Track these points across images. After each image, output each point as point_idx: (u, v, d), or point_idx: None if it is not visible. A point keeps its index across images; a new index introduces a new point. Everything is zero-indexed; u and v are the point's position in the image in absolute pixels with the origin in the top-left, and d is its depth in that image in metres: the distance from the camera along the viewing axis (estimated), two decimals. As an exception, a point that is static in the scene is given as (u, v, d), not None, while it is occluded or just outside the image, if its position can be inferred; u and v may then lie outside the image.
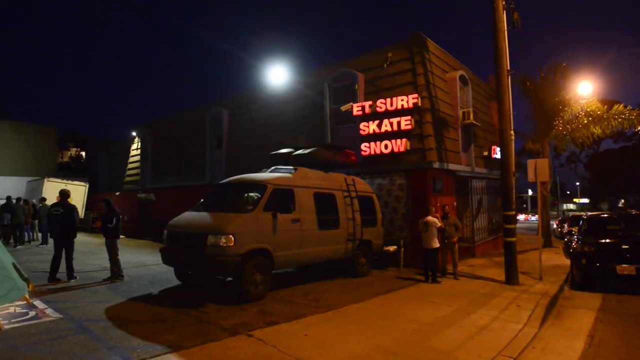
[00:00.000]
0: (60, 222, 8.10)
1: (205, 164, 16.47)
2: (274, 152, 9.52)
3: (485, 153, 13.53)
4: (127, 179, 22.73)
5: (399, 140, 10.43)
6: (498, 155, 11.06)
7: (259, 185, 7.36)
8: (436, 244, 8.39)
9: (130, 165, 22.74)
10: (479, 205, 13.00)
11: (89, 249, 13.35)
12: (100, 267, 9.41)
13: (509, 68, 8.69)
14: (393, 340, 4.77)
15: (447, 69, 12.17)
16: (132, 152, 22.64)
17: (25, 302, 5.83)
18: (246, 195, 7.69)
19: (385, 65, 11.27)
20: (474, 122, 11.92)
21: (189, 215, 7.39)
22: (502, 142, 8.73)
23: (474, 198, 12.61)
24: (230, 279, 6.86)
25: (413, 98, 10.35)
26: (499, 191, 10.73)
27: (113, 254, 8.13)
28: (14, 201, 14.85)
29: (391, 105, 10.68)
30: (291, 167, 8.17)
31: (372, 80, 11.60)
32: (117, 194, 21.84)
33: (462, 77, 12.32)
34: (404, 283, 8.24)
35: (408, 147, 10.35)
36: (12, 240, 14.03)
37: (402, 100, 10.50)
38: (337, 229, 8.34)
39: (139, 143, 21.79)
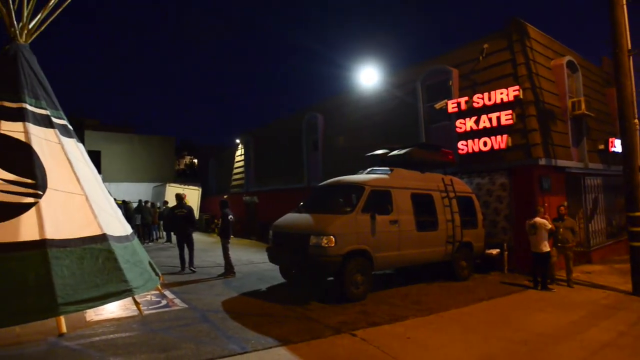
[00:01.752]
0: (184, 221, 9.52)
1: (302, 167, 17.25)
2: (369, 154, 9.63)
3: (601, 146, 11.88)
4: (233, 182, 24.85)
5: (499, 137, 9.74)
6: (618, 149, 9.63)
7: (357, 187, 7.53)
8: (546, 247, 7.66)
9: (235, 170, 24.82)
10: (595, 205, 11.47)
11: (204, 247, 14.97)
12: (215, 264, 10.51)
13: (630, 47, 7.57)
14: (502, 350, 4.53)
15: (552, 56, 10.99)
16: (237, 158, 24.69)
17: (158, 292, 6.82)
18: (345, 197, 7.94)
19: (481, 57, 10.62)
20: (585, 112, 10.57)
21: (291, 217, 7.87)
22: (623, 132, 7.61)
23: (588, 197, 11.18)
24: (331, 278, 7.14)
25: (514, 90, 9.58)
26: (620, 189, 9.33)
27: (225, 252, 9.04)
28: (144, 204, 17.38)
29: (489, 99, 10.02)
30: (387, 168, 8.20)
31: (467, 74, 11.01)
32: (225, 197, 24.06)
33: (569, 64, 11.01)
34: (509, 289, 7.70)
35: (510, 144, 9.61)
36: (142, 239, 16.41)
37: (502, 93, 9.78)
38: (435, 230, 8.13)
39: (243, 149, 23.68)
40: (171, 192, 21.46)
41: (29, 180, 5.31)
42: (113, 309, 5.90)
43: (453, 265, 8.42)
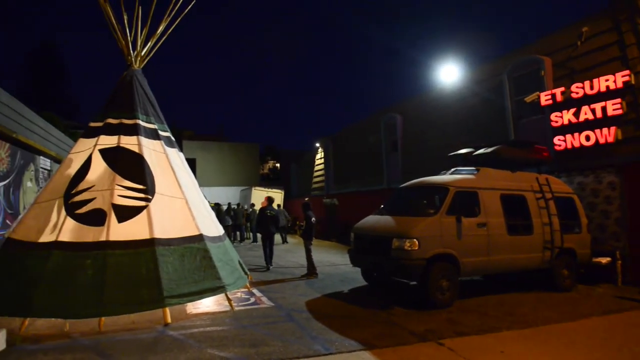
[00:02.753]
0: (271, 222, 10.41)
1: (382, 169, 17.10)
2: (452, 153, 9.20)
3: None
4: (314, 185, 25.51)
5: (605, 129, 8.62)
6: None
7: (441, 188, 7.24)
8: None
9: (316, 173, 25.47)
10: None
11: (287, 247, 15.59)
12: (298, 264, 10.88)
13: None
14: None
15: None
16: (317, 161, 25.31)
17: (247, 289, 7.28)
18: (428, 198, 7.69)
19: (579, 42, 9.50)
20: None
21: (373, 219, 7.83)
22: None
23: None
24: (414, 283, 6.99)
25: (623, 76, 8.39)
26: None
27: (308, 254, 9.32)
28: (235, 206, 18.66)
29: (591, 88, 8.91)
30: (473, 168, 7.76)
31: (563, 62, 9.93)
32: (306, 199, 24.82)
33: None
34: (626, 304, 6.73)
35: (619, 137, 8.44)
36: (232, 239, 17.61)
37: (607, 80, 8.63)
38: (530, 234, 7.48)
39: (322, 152, 24.21)
40: (257, 195, 22.79)
41: (141, 186, 6.07)
42: (208, 304, 6.42)
43: (552, 274, 7.65)
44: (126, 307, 5.20)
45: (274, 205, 11.46)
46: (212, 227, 6.85)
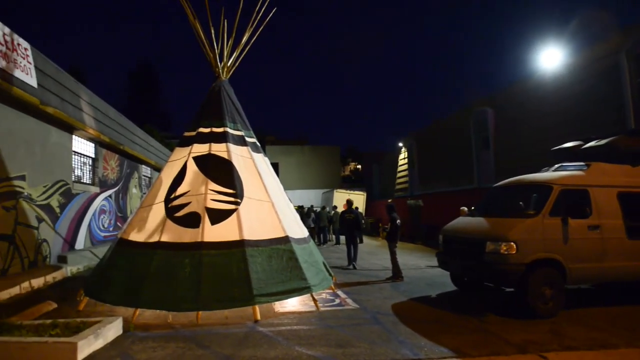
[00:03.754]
0: (351, 224, 10.58)
1: (471, 168, 16.08)
2: (556, 148, 8.22)
3: None
4: (397, 186, 24.95)
5: None
6: None
7: (543, 187, 6.48)
8: None
9: (399, 174, 24.90)
10: None
11: (370, 250, 15.40)
12: (382, 267, 10.66)
13: None
14: None
15: None
16: (400, 162, 24.73)
17: (331, 291, 7.28)
18: (527, 198, 6.96)
19: None
20: None
21: (464, 221, 7.33)
22: None
23: None
24: (511, 289, 6.36)
25: None
26: None
27: (393, 256, 9.06)
28: (317, 209, 19.01)
29: None
30: (582, 163, 6.84)
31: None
32: (390, 201, 24.39)
33: None
34: None
35: None
36: (315, 241, 17.91)
37: None
38: (658, 239, 6.34)
39: (406, 153, 23.58)
40: (338, 197, 22.97)
41: (231, 191, 6.43)
42: (294, 304, 6.55)
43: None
44: (220, 303, 5.53)
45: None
46: (297, 229, 7.00)
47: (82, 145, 10.64)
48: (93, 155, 11.34)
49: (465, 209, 9.54)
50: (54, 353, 4.07)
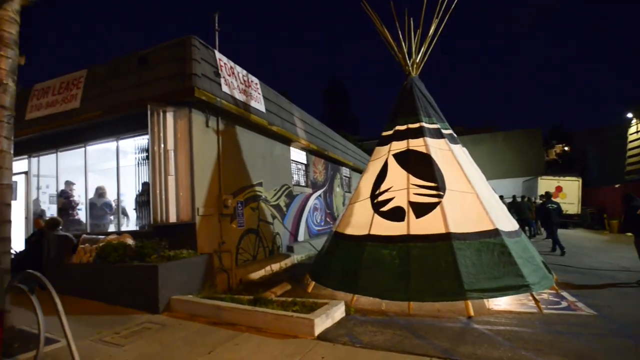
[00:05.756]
0: (554, 214, 10.75)
1: None
2: None
3: None
4: (628, 167, 20.03)
5: None
6: None
7: None
8: None
9: (630, 152, 19.95)
10: None
11: (596, 245, 12.86)
12: (617, 267, 8.75)
13: None
14: None
15: None
16: (630, 137, 19.79)
17: (554, 291, 6.42)
18: None
19: None
20: None
21: None
22: None
23: None
24: None
25: None
26: None
27: None
28: (519, 199, 17.05)
29: None
30: None
31: None
32: (617, 186, 19.77)
33: None
34: None
35: None
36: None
37: None
38: None
39: (639, 124, 18.72)
40: (543, 185, 20.00)
41: (432, 184, 6.47)
42: (509, 302, 6.07)
43: None
44: (430, 296, 5.64)
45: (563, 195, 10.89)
46: (507, 222, 6.50)
47: (297, 154, 12.64)
48: (305, 162, 13.29)
49: None
50: (297, 325, 4.96)
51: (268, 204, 10.15)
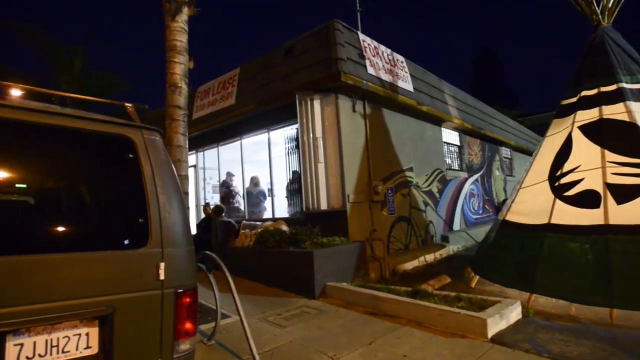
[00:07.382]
0: None
1: None
2: None
3: None
4: None
5: None
6: None
7: None
8: None
9: None
10: None
11: None
12: None
13: None
14: None
15: None
16: None
17: None
18: None
19: None
20: None
21: None
22: None
23: None
24: None
25: None
26: None
27: None
28: None
29: None
30: None
31: None
32: None
33: None
34: None
35: None
36: None
37: None
38: None
39: None
40: None
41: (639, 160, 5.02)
42: None
43: None
44: (642, 303, 4.38)
45: None
46: None
47: (449, 135, 11.63)
48: (458, 143, 12.16)
49: None
50: (466, 324, 4.42)
51: (419, 189, 9.61)
